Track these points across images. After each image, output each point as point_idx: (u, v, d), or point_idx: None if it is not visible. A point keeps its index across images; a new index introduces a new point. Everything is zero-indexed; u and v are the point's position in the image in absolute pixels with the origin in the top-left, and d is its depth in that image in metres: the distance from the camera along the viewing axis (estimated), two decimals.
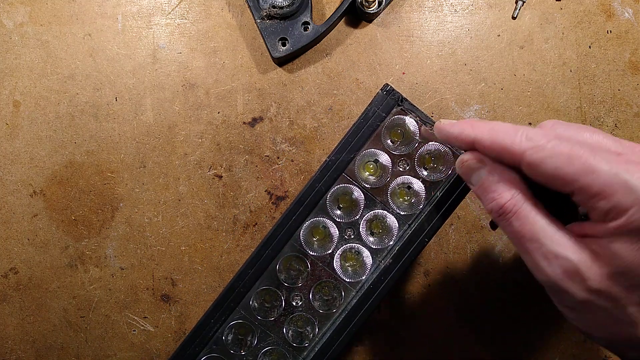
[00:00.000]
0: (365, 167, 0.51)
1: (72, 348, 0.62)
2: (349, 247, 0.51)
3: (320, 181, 0.50)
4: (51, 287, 0.63)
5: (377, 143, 0.51)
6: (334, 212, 0.51)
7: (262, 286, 0.51)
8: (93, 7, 0.64)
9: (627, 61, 0.63)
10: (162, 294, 0.62)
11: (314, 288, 0.51)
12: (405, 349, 0.61)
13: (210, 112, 0.63)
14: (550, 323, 0.61)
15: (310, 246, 0.51)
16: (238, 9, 0.64)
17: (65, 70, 0.64)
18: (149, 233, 0.63)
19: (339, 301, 0.50)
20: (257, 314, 0.51)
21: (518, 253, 0.62)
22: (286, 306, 0.51)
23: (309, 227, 0.50)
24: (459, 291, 0.62)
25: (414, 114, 0.50)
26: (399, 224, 0.50)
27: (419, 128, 0.50)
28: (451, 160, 0.50)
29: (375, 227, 0.51)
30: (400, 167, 0.51)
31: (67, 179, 0.63)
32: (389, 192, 0.51)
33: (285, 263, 0.51)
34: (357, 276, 0.50)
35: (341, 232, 0.51)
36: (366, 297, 0.49)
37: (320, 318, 0.51)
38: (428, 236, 0.49)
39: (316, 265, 0.51)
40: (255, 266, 0.49)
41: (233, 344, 0.51)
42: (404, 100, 0.49)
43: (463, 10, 0.64)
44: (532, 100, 0.63)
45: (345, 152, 0.50)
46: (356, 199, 0.51)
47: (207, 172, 0.63)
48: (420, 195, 0.50)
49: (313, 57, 0.64)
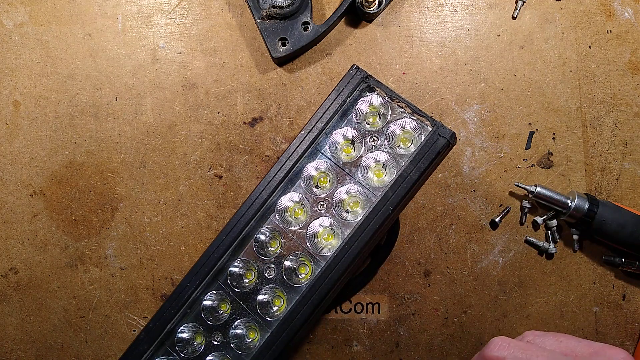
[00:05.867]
0: (341, 147, 0.53)
1: (72, 348, 0.62)
2: (321, 222, 0.52)
3: (292, 153, 0.52)
4: (51, 287, 0.63)
5: (350, 121, 0.53)
6: (308, 187, 0.53)
7: (237, 257, 0.53)
8: (93, 7, 0.64)
9: (627, 61, 0.63)
10: (162, 294, 0.62)
11: (285, 260, 0.52)
12: (404, 349, 0.61)
13: (210, 112, 0.63)
14: (550, 323, 0.61)
15: (284, 219, 0.52)
16: (238, 9, 0.64)
17: (65, 70, 0.64)
18: (149, 233, 0.63)
19: (309, 274, 0.52)
20: (231, 284, 0.52)
21: (517, 253, 0.62)
22: (259, 277, 0.52)
23: (283, 201, 0.52)
24: (459, 291, 0.62)
25: (379, 89, 0.52)
26: (370, 198, 0.52)
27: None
28: (419, 133, 0.52)
29: (348, 203, 0.52)
30: (373, 143, 0.53)
31: (67, 179, 0.63)
32: (361, 167, 0.52)
33: (261, 234, 0.52)
34: (328, 251, 0.52)
35: (315, 207, 0.53)
36: (329, 267, 0.50)
37: (291, 290, 0.52)
38: (392, 204, 0.50)
39: (289, 238, 0.52)
40: (229, 233, 0.51)
41: (207, 311, 0.52)
42: (368, 77, 0.52)
43: (463, 10, 0.64)
44: (532, 100, 0.63)
45: (315, 124, 0.52)
46: (329, 173, 0.53)
47: (207, 172, 0.63)
48: (392, 169, 0.52)
49: (313, 57, 0.64)
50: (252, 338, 0.52)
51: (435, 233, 0.62)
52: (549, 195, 0.59)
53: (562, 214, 0.59)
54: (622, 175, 0.62)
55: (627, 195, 0.62)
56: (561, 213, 0.60)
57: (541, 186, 0.60)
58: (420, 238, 0.62)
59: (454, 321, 0.62)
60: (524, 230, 0.62)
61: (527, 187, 0.60)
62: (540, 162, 0.62)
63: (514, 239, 0.62)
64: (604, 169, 0.62)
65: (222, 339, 0.52)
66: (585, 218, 0.58)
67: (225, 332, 0.52)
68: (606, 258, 0.61)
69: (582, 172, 0.62)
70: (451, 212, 0.62)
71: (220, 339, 0.52)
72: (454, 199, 0.62)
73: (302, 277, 0.52)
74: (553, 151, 0.62)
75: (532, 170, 0.62)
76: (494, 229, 0.62)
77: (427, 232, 0.62)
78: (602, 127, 0.63)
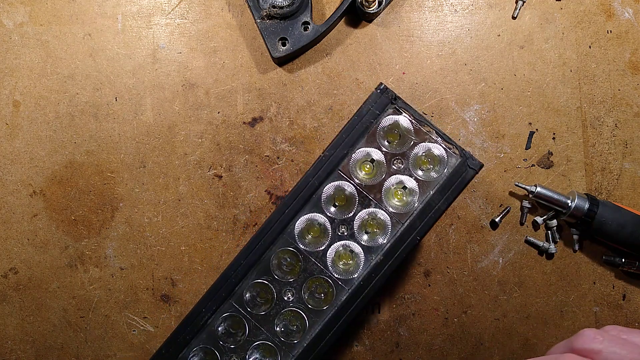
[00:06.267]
0: (361, 166, 0.52)
1: (72, 348, 0.62)
2: (342, 244, 0.51)
3: (314, 176, 0.50)
4: (51, 287, 0.63)
5: (373, 142, 0.51)
6: (329, 209, 0.51)
7: (254, 279, 0.51)
8: (93, 7, 0.64)
9: (627, 61, 0.63)
10: (162, 294, 0.62)
11: (305, 283, 0.51)
12: (405, 349, 0.61)
13: (210, 112, 0.63)
14: (550, 323, 0.61)
15: (303, 241, 0.51)
16: (238, 9, 0.64)
17: (65, 70, 0.64)
18: (149, 233, 0.63)
19: (330, 298, 0.51)
20: (248, 307, 0.51)
21: (517, 253, 0.62)
22: (278, 300, 0.51)
23: (303, 222, 0.51)
24: (459, 291, 0.62)
25: (407, 112, 0.50)
26: (393, 222, 0.51)
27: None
28: (445, 160, 0.50)
29: (369, 225, 0.51)
30: (394, 166, 0.51)
31: (67, 179, 0.63)
32: (384, 190, 0.51)
33: (279, 257, 0.51)
34: (349, 274, 0.51)
35: (335, 229, 0.51)
36: (356, 294, 0.49)
37: (311, 314, 0.51)
38: (420, 234, 0.49)
39: (309, 260, 0.51)
40: (247, 256, 0.50)
41: (223, 335, 0.51)
42: (397, 99, 0.50)
43: (463, 10, 0.64)
44: (532, 100, 0.63)
45: (339, 147, 0.50)
46: (350, 196, 0.51)
47: (207, 172, 0.63)
48: (414, 194, 0.51)
49: (313, 57, 0.64)
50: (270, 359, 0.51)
51: (435, 233, 0.62)
52: (549, 195, 0.59)
53: (562, 214, 0.59)
54: (622, 175, 0.62)
55: (627, 195, 0.62)
56: (561, 213, 0.60)
57: (541, 186, 0.60)
58: None
59: (454, 321, 0.62)
60: (524, 230, 0.62)
61: (527, 187, 0.60)
62: (540, 162, 0.62)
63: (514, 239, 0.62)
64: (604, 169, 0.62)
65: None
66: (585, 218, 0.58)
67: (243, 355, 0.51)
68: (606, 258, 0.61)
69: (582, 172, 0.62)
70: (451, 212, 0.62)
71: None
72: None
73: (323, 300, 0.51)
74: (553, 151, 0.62)
75: (532, 170, 0.62)
76: (494, 229, 0.62)
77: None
78: (602, 127, 0.63)
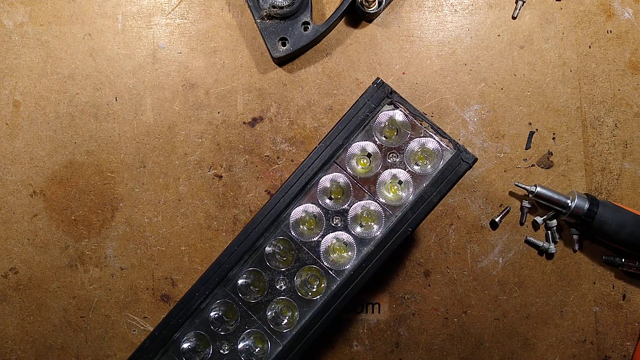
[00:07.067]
0: (357, 160, 0.52)
1: (72, 348, 0.62)
2: (335, 236, 0.52)
3: (309, 166, 0.51)
4: (51, 287, 0.63)
5: (369, 135, 0.52)
6: (324, 200, 0.52)
7: (248, 267, 0.52)
8: (93, 7, 0.64)
9: (627, 61, 0.63)
10: (162, 294, 0.62)
11: (298, 273, 0.52)
12: (404, 349, 0.61)
13: (210, 112, 0.63)
14: (550, 323, 0.61)
15: (298, 231, 0.52)
16: (238, 9, 0.64)
17: (65, 70, 0.64)
18: (149, 233, 0.63)
19: (321, 288, 0.51)
20: (241, 294, 0.52)
21: (517, 253, 0.62)
22: (270, 289, 0.52)
23: (298, 213, 0.51)
24: (459, 291, 0.62)
25: (403, 106, 0.51)
26: (386, 214, 0.51)
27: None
28: (440, 154, 0.50)
29: (363, 218, 0.52)
30: (389, 160, 0.52)
31: (67, 179, 0.63)
32: (378, 183, 0.52)
33: (273, 246, 0.52)
34: (341, 265, 0.51)
35: (329, 220, 0.52)
36: (346, 284, 0.50)
37: (302, 303, 0.52)
38: (412, 226, 0.50)
39: (302, 250, 0.52)
40: (241, 243, 0.50)
41: (216, 321, 0.51)
42: (393, 93, 0.51)
43: (463, 10, 0.64)
44: (532, 100, 0.63)
45: (334, 139, 0.51)
46: (345, 188, 0.52)
47: (207, 172, 0.63)
48: (408, 188, 0.51)
49: (313, 57, 0.64)
50: (261, 347, 0.51)
51: (435, 233, 0.62)
52: (549, 195, 0.59)
53: (562, 214, 0.59)
54: (622, 175, 0.62)
55: (627, 195, 0.62)
56: (561, 213, 0.60)
57: (541, 186, 0.60)
58: (420, 238, 0.62)
59: (454, 321, 0.62)
60: (524, 230, 0.62)
61: (527, 187, 0.60)
62: (540, 162, 0.62)
63: (514, 239, 0.62)
64: (604, 169, 0.62)
65: (229, 349, 0.51)
66: (585, 218, 0.58)
67: (234, 342, 0.51)
68: (606, 258, 0.61)
69: (582, 172, 0.62)
70: (451, 212, 0.62)
71: (228, 349, 0.51)
72: (454, 199, 0.62)
73: (315, 290, 0.51)
74: (553, 151, 0.62)
75: (532, 170, 0.62)
76: (494, 229, 0.62)
77: (427, 232, 0.62)
78: (602, 127, 0.63)
